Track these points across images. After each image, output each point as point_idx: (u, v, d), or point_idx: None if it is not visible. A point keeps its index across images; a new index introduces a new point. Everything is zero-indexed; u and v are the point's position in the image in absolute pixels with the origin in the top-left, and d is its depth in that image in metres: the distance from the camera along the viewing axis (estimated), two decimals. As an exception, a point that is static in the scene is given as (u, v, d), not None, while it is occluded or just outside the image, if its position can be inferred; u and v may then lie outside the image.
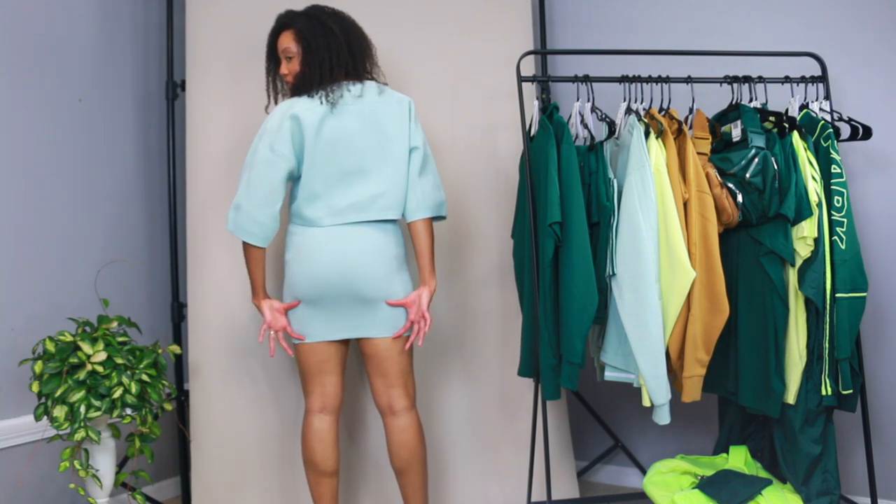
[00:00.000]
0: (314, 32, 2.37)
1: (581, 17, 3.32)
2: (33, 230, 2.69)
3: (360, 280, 2.33)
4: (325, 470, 2.40)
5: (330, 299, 2.34)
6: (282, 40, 2.43)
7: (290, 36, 2.41)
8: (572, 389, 2.49)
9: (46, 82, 2.75)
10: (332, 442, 2.41)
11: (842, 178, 2.36)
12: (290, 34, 2.41)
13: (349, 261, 2.33)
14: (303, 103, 2.34)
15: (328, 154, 2.33)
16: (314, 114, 2.32)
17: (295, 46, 2.39)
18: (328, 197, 2.33)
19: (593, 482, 3.29)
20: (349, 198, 2.34)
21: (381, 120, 2.38)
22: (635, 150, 2.36)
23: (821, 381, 2.34)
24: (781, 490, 2.35)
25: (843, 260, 2.33)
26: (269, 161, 2.29)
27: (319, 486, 2.42)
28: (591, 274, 2.36)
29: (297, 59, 2.40)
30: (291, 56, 2.40)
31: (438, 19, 2.96)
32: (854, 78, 2.77)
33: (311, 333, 2.38)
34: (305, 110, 2.32)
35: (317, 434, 2.40)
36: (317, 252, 2.33)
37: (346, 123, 2.35)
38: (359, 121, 2.36)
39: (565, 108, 2.76)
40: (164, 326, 3.07)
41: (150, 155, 3.13)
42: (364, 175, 2.36)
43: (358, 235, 2.34)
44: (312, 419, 2.41)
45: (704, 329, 2.37)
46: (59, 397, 2.27)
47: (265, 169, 2.30)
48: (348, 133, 2.35)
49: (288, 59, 2.42)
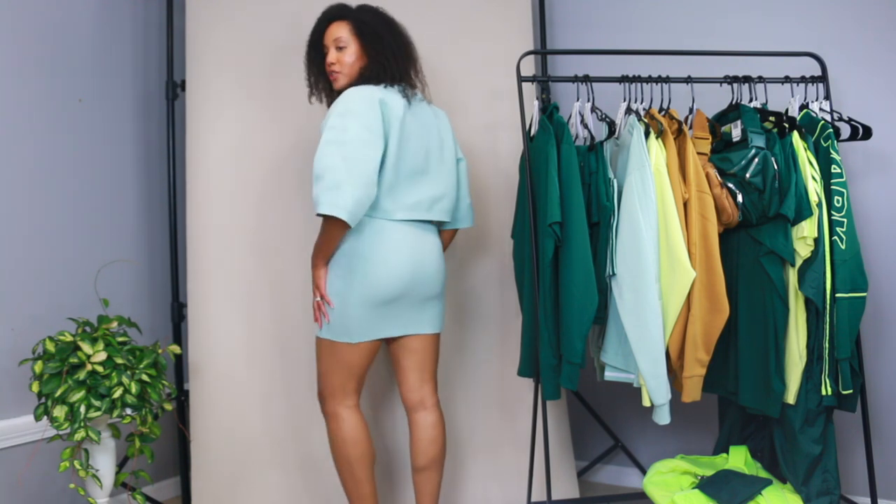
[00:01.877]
0: (377, 27, 2.37)
1: (581, 17, 3.32)
2: (33, 230, 2.69)
3: (434, 277, 2.39)
4: (373, 462, 2.40)
5: (404, 296, 2.33)
6: (333, 30, 2.39)
7: (344, 27, 2.38)
8: (572, 389, 2.49)
9: (46, 82, 2.75)
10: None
11: (842, 178, 2.36)
12: (344, 25, 2.38)
13: (426, 258, 2.36)
14: (383, 92, 2.29)
15: (403, 148, 2.31)
16: (398, 105, 2.30)
17: (348, 36, 2.37)
18: (398, 191, 2.31)
19: (593, 482, 3.29)
20: (415, 195, 2.34)
21: (438, 126, 2.44)
22: (635, 150, 2.36)
23: (821, 381, 2.34)
24: (781, 490, 2.35)
25: (843, 260, 2.33)
26: (367, 141, 2.21)
27: (371, 483, 2.38)
28: (591, 274, 2.36)
29: (353, 51, 2.37)
30: (343, 46, 2.37)
31: (438, 19, 2.96)
32: (854, 78, 2.77)
33: (379, 331, 2.32)
34: (390, 99, 2.29)
35: (366, 429, 2.38)
36: (397, 247, 2.30)
37: (419, 121, 2.37)
38: (426, 122, 2.39)
39: (565, 108, 2.76)
40: (164, 326, 3.07)
41: (150, 155, 3.13)
42: (427, 176, 2.37)
43: (426, 233, 2.39)
44: (357, 415, 2.37)
45: (704, 329, 2.37)
46: (59, 397, 2.27)
47: (363, 148, 2.20)
48: (421, 131, 2.36)
49: (339, 49, 2.38)
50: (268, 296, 2.82)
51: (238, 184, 2.85)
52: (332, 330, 2.31)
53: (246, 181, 2.85)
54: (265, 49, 2.90)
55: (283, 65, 2.87)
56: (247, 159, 2.86)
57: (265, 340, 2.81)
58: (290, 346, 2.81)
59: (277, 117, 2.87)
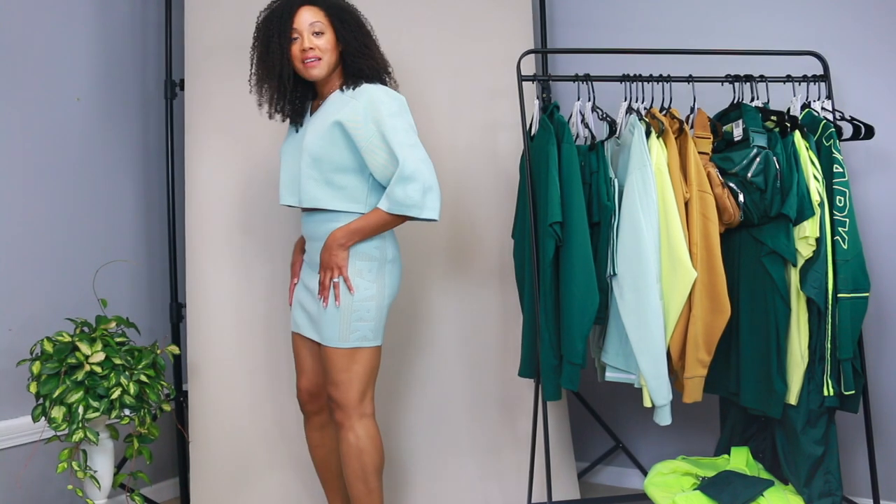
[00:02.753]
0: (351, 20, 2.29)
1: (582, 16, 3.31)
2: (31, 230, 2.68)
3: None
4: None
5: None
6: (306, 14, 2.24)
7: (318, 12, 2.25)
8: (573, 390, 2.48)
9: (44, 81, 2.74)
10: None
11: (844, 178, 2.36)
12: (317, 11, 2.25)
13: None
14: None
15: None
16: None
17: (325, 22, 2.26)
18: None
19: (594, 483, 3.28)
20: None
21: None
22: (636, 149, 2.36)
23: (823, 381, 2.34)
24: (783, 491, 2.34)
25: (845, 260, 2.32)
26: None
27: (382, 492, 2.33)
28: (591, 274, 2.35)
29: (329, 38, 2.26)
30: (321, 32, 2.25)
31: (438, 18, 2.96)
32: (856, 77, 2.76)
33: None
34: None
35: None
36: (398, 248, 2.36)
37: None
38: None
39: (566, 108, 2.75)
40: (163, 327, 3.06)
41: (148, 154, 3.12)
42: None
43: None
44: (376, 422, 2.33)
45: (706, 329, 2.36)
46: (57, 398, 2.26)
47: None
48: None
49: (316, 35, 2.24)
50: (267, 296, 2.81)
51: (237, 183, 2.84)
52: (368, 336, 2.25)
53: (245, 181, 2.84)
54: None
55: (283, 64, 2.86)
56: (246, 159, 2.85)
57: (264, 341, 2.80)
58: (290, 347, 2.80)
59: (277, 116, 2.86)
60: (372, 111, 2.20)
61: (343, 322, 2.23)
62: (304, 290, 2.37)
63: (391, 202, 2.17)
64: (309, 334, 2.33)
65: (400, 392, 2.84)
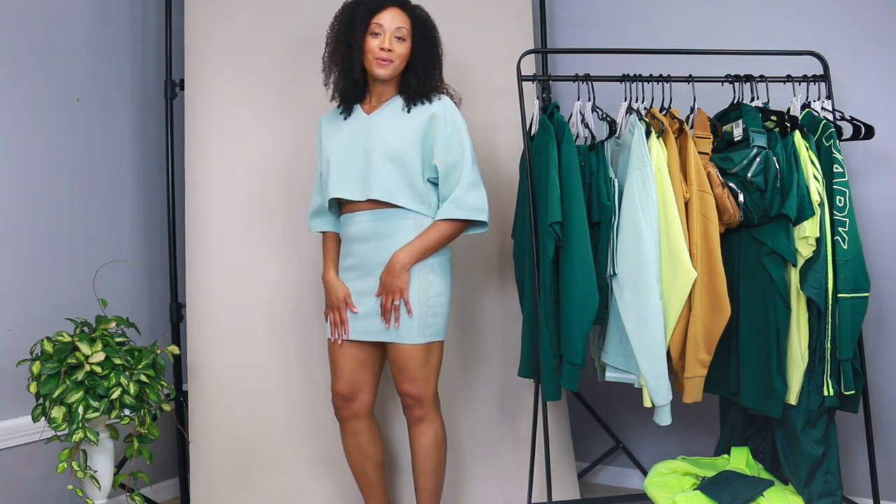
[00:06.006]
0: (431, 37, 2.39)
1: (582, 16, 3.31)
2: (31, 230, 2.68)
3: None
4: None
5: None
6: (395, 16, 2.30)
7: (406, 19, 2.32)
8: (573, 390, 2.48)
9: (44, 81, 2.74)
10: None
11: (844, 178, 2.36)
12: (405, 17, 2.32)
13: None
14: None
15: None
16: None
17: (409, 30, 2.32)
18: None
19: (594, 483, 3.28)
20: None
21: None
22: (636, 149, 2.36)
23: (823, 381, 2.34)
24: (783, 491, 2.34)
25: (845, 260, 2.32)
26: None
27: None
28: (591, 274, 2.35)
29: (406, 47, 2.32)
30: (402, 38, 2.31)
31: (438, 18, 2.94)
32: (856, 77, 2.76)
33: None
34: None
35: None
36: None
37: None
38: None
39: (566, 108, 2.75)
40: (163, 327, 3.06)
41: (148, 154, 3.12)
42: None
43: None
44: None
45: (706, 329, 2.36)
46: (57, 398, 2.26)
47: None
48: None
49: (398, 39, 2.30)
50: (267, 296, 2.81)
51: (237, 184, 2.84)
52: (440, 331, 2.35)
53: (245, 181, 2.84)
54: (265, 48, 2.89)
55: (284, 64, 2.85)
56: (246, 159, 2.85)
57: (264, 341, 2.80)
58: (289, 347, 2.80)
59: (277, 116, 2.86)
60: (453, 116, 2.33)
61: (420, 318, 2.29)
62: (360, 297, 2.36)
63: (462, 208, 2.28)
64: (380, 339, 2.34)
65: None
